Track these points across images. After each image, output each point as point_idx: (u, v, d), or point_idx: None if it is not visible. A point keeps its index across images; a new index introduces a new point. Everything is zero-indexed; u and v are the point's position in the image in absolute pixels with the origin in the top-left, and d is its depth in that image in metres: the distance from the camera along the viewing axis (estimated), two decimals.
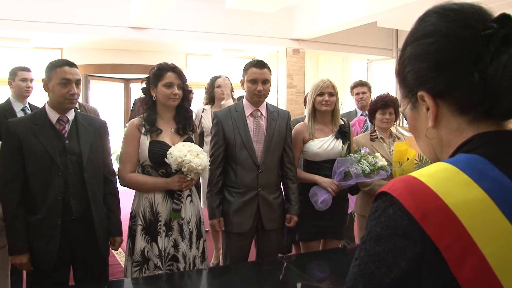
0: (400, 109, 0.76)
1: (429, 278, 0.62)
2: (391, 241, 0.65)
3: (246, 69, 2.78)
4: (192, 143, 2.50)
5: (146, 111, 2.54)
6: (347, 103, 8.33)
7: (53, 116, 2.34)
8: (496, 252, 0.61)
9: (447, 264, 0.61)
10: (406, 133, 3.47)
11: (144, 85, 2.61)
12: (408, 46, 0.79)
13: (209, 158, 2.55)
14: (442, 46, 0.73)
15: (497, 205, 0.63)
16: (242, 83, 2.82)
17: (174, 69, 2.54)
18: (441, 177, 0.66)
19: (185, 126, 2.60)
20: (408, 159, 3.11)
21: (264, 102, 2.83)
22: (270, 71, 2.79)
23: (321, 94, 2.89)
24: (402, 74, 0.80)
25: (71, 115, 2.39)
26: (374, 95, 3.46)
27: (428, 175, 0.67)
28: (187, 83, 2.60)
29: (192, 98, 2.74)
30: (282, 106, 8.33)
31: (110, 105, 8.49)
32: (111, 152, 2.69)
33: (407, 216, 0.64)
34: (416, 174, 0.69)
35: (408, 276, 0.63)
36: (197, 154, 2.41)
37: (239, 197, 2.74)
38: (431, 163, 0.74)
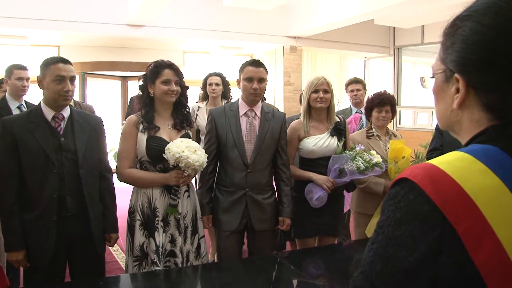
0: (432, 65, 0.77)
1: (447, 261, 0.66)
2: (411, 226, 0.68)
3: (242, 68, 2.79)
4: (190, 139, 2.52)
5: (144, 108, 2.56)
6: (344, 101, 8.36)
7: (49, 113, 2.34)
8: (509, 235, 0.65)
9: (465, 247, 0.64)
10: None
11: (141, 82, 2.64)
12: (470, 19, 0.75)
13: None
14: (501, 49, 0.71)
15: (511, 192, 0.67)
16: (238, 82, 2.83)
17: (171, 66, 2.56)
18: (459, 165, 0.70)
19: (182, 121, 2.63)
20: (403, 157, 3.12)
21: (260, 103, 2.83)
22: (266, 70, 2.79)
23: (315, 91, 2.90)
24: (451, 39, 0.78)
25: (66, 112, 2.40)
26: (371, 93, 3.45)
27: (446, 163, 0.70)
28: (183, 79, 2.63)
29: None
30: (279, 103, 8.35)
31: (107, 102, 8.49)
32: (109, 150, 2.69)
33: (428, 201, 0.67)
34: (434, 162, 0.72)
35: (427, 259, 0.66)
36: (195, 150, 2.43)
37: (228, 195, 2.74)
38: (439, 133, 0.76)
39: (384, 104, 3.25)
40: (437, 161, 0.71)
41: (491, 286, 0.64)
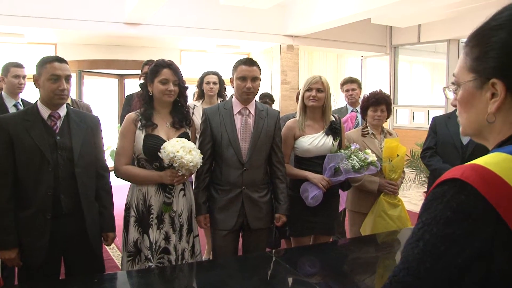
0: (454, 73, 0.82)
1: (501, 257, 0.69)
2: (463, 224, 0.70)
3: (235, 66, 2.78)
4: (186, 140, 2.53)
5: (143, 106, 2.59)
6: (340, 100, 8.38)
7: (45, 112, 2.35)
8: None
9: None
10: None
11: (142, 81, 2.66)
12: (504, 28, 0.79)
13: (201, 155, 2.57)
14: None
15: None
16: (231, 81, 2.82)
17: (170, 65, 2.58)
18: (506, 166, 0.73)
19: (181, 120, 2.64)
20: (398, 155, 3.14)
21: (254, 101, 2.83)
22: (259, 69, 2.79)
23: (309, 89, 2.92)
24: (482, 48, 0.82)
25: (62, 111, 2.41)
26: (368, 92, 3.47)
27: (494, 164, 0.74)
28: (183, 79, 2.64)
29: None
30: (276, 102, 8.35)
31: (104, 100, 8.49)
32: (105, 148, 2.70)
33: (482, 201, 0.70)
34: (480, 162, 0.75)
35: (480, 255, 0.69)
36: (190, 151, 2.44)
37: (224, 194, 2.73)
38: (464, 136, 0.83)
39: (380, 103, 3.27)
40: (483, 162, 0.75)
41: None
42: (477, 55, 0.82)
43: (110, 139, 6.05)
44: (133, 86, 7.62)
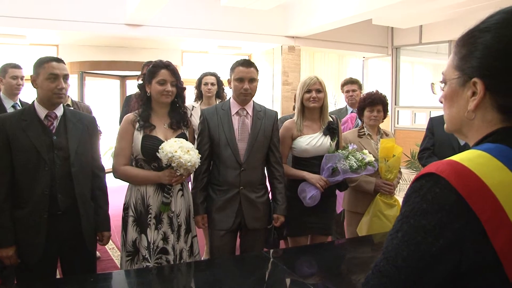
0: (443, 71, 0.88)
1: (472, 246, 0.73)
2: (437, 215, 0.75)
3: (233, 68, 2.79)
4: (184, 140, 2.54)
5: (141, 107, 2.61)
6: (341, 100, 8.39)
7: (42, 112, 2.37)
8: None
9: (487, 234, 0.72)
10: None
11: (140, 81, 2.68)
12: (491, 30, 0.82)
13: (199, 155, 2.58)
14: None
15: None
16: (229, 82, 2.84)
17: (168, 66, 2.60)
18: (479, 162, 0.78)
19: (179, 121, 2.65)
20: (394, 155, 3.14)
21: (251, 101, 2.84)
22: (257, 70, 2.81)
23: (308, 91, 2.92)
24: (469, 48, 0.85)
25: (59, 111, 2.42)
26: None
27: (468, 160, 0.78)
28: (181, 80, 2.66)
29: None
30: (277, 103, 8.37)
31: (106, 102, 8.52)
32: (107, 149, 2.72)
33: (455, 194, 0.75)
34: (456, 158, 0.80)
35: (452, 245, 0.74)
36: (188, 151, 2.45)
37: (222, 194, 2.75)
38: (448, 132, 0.92)
39: (376, 103, 3.27)
40: (458, 158, 0.79)
41: (508, 268, 0.72)
42: (463, 55, 0.86)
43: (111, 140, 6.07)
44: (134, 87, 7.60)
